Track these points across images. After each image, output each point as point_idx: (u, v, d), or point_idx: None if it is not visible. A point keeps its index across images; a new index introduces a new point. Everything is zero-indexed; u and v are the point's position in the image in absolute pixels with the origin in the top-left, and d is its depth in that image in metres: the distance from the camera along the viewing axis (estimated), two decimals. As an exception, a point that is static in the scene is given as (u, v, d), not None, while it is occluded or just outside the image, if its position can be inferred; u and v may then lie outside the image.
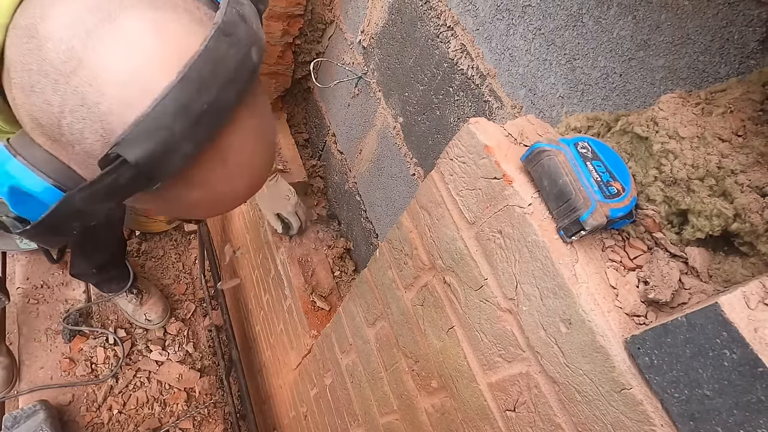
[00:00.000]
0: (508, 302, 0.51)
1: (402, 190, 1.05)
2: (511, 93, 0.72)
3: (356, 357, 0.91)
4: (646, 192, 0.48)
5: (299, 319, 1.32)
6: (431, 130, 0.92)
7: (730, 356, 0.33)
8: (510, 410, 0.54)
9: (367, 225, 1.25)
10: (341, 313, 0.96)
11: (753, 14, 0.43)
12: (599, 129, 0.55)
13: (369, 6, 1.07)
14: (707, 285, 0.43)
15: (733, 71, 0.46)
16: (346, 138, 1.31)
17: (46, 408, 1.91)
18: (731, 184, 0.41)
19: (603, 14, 0.57)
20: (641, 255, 0.47)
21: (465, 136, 0.54)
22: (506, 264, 0.51)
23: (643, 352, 0.39)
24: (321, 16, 1.30)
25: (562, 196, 0.45)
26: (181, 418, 2.24)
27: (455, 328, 0.60)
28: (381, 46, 1.05)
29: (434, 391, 0.68)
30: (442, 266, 0.61)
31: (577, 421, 0.45)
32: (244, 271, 2.09)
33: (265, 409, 2.04)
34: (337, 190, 1.41)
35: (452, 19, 0.82)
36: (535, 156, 0.48)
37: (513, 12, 0.69)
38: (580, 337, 0.43)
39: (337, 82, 1.29)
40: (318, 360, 1.16)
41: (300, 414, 1.43)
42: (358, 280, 0.86)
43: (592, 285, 0.44)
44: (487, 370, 0.56)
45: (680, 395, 0.36)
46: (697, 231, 0.44)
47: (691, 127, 0.44)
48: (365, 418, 0.92)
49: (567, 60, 0.62)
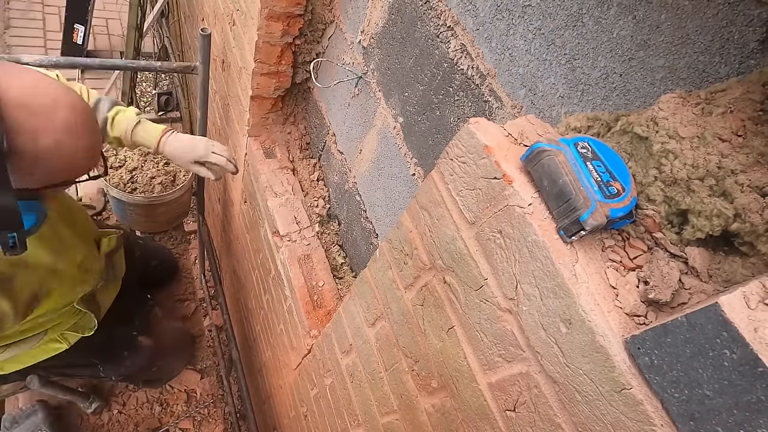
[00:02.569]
0: (508, 302, 0.51)
1: (402, 190, 1.05)
2: (511, 93, 0.72)
3: (356, 357, 0.91)
4: (646, 192, 0.48)
5: (299, 319, 1.32)
6: (431, 130, 0.92)
7: (730, 356, 0.33)
8: (510, 410, 0.54)
9: (367, 225, 1.25)
10: (341, 313, 0.96)
11: (753, 14, 0.43)
12: (599, 129, 0.55)
13: (369, 6, 1.07)
14: (707, 285, 0.43)
15: (733, 71, 0.46)
16: (346, 138, 1.31)
17: (44, 408, 1.91)
18: (731, 184, 0.41)
19: (603, 14, 0.57)
20: (641, 255, 0.47)
21: (465, 136, 0.54)
22: (506, 264, 0.51)
23: (643, 352, 0.39)
24: (321, 16, 1.30)
25: (562, 196, 0.45)
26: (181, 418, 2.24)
27: (455, 328, 0.60)
28: (381, 46, 1.05)
29: (434, 391, 0.68)
30: (442, 266, 0.61)
31: (577, 421, 0.45)
32: (244, 268, 2.09)
33: (265, 409, 2.04)
34: (337, 190, 1.41)
35: (452, 19, 0.82)
36: (535, 156, 0.48)
37: (513, 12, 0.69)
38: (580, 337, 0.43)
39: (337, 82, 1.29)
40: (318, 360, 1.16)
41: (300, 414, 1.43)
42: (358, 280, 0.86)
43: (592, 285, 0.44)
44: (487, 370, 0.56)
45: (680, 395, 0.36)
46: (697, 231, 0.43)
47: (691, 127, 0.44)
48: (365, 418, 0.92)
49: (567, 60, 0.62)
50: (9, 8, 4.03)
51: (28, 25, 3.99)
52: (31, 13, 4.10)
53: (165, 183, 2.70)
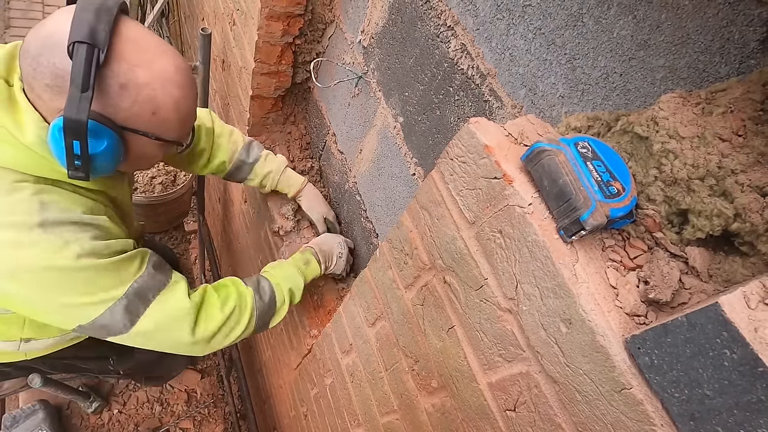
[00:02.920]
0: (508, 302, 0.51)
1: (402, 190, 1.05)
2: (512, 93, 0.72)
3: (356, 357, 0.91)
4: (647, 192, 0.48)
5: (299, 319, 1.32)
6: (431, 129, 0.92)
7: (731, 356, 0.33)
8: (510, 410, 0.54)
9: (367, 225, 1.25)
10: (341, 313, 0.96)
11: (753, 14, 0.43)
12: (599, 129, 0.55)
13: (369, 6, 1.07)
14: (707, 285, 0.43)
15: (733, 71, 0.46)
16: (346, 138, 1.31)
17: (45, 407, 1.91)
18: (731, 184, 0.41)
19: (603, 14, 0.57)
20: (641, 255, 0.47)
21: (465, 136, 0.54)
22: (506, 264, 0.51)
23: (643, 351, 0.39)
24: (321, 16, 1.30)
25: (563, 195, 0.45)
26: (182, 418, 2.24)
27: (455, 328, 0.60)
28: (381, 45, 1.05)
29: (434, 391, 0.68)
30: (443, 266, 0.61)
31: (577, 420, 0.45)
32: (244, 268, 2.09)
33: (265, 409, 2.04)
34: (337, 190, 1.41)
35: (452, 19, 0.82)
36: (536, 156, 0.48)
37: (513, 12, 0.69)
38: (580, 337, 0.43)
39: (337, 81, 1.29)
40: (318, 360, 1.16)
41: (300, 414, 1.43)
42: (358, 280, 0.86)
43: (593, 285, 0.44)
44: (488, 370, 0.56)
45: (680, 395, 0.36)
46: (698, 231, 0.43)
47: (691, 127, 0.44)
48: (365, 418, 0.92)
49: (567, 60, 0.62)
50: (9, 8, 4.03)
51: (28, 25, 3.99)
52: (31, 13, 4.10)
53: (165, 183, 2.70)
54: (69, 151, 0.74)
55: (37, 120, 0.77)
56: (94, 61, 0.70)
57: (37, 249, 0.77)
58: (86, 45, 0.69)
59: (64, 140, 0.73)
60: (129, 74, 0.75)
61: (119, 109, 0.77)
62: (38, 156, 0.78)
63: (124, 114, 0.78)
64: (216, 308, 0.98)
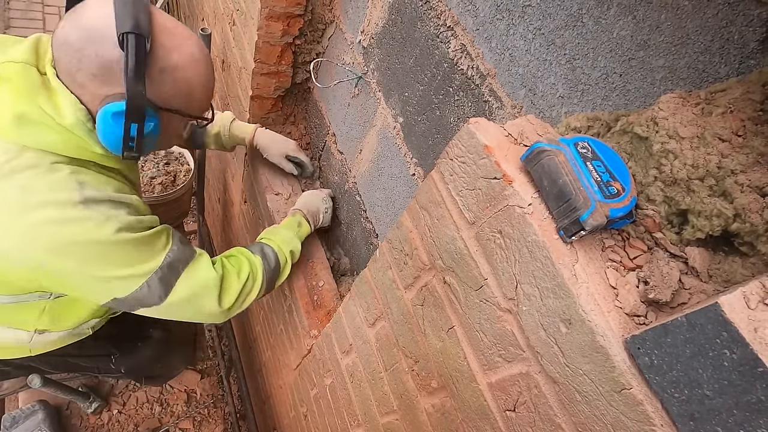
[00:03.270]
0: (508, 302, 0.51)
1: (402, 190, 1.05)
2: (511, 93, 0.72)
3: (356, 357, 0.91)
4: (646, 192, 0.48)
5: (299, 319, 1.32)
6: (431, 130, 0.92)
7: (730, 356, 0.33)
8: (510, 410, 0.54)
9: (367, 225, 1.25)
10: (341, 313, 0.96)
11: (753, 14, 0.43)
12: (599, 129, 0.55)
13: (369, 6, 1.07)
14: (707, 285, 0.43)
15: (733, 71, 0.46)
16: (346, 138, 1.31)
17: (45, 408, 1.91)
18: (731, 184, 0.41)
19: (603, 14, 0.57)
20: (641, 255, 0.47)
21: (465, 136, 0.54)
22: (506, 264, 0.51)
23: (643, 352, 0.39)
24: (321, 16, 1.30)
25: (562, 196, 0.45)
26: (181, 418, 2.24)
27: (455, 328, 0.60)
28: (381, 46, 1.05)
29: (434, 391, 0.68)
30: (442, 266, 0.61)
31: (577, 421, 0.45)
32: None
33: (265, 409, 2.04)
34: (337, 190, 1.41)
35: (452, 19, 0.82)
36: (535, 156, 0.48)
37: (513, 12, 0.69)
38: (580, 337, 0.43)
39: (337, 82, 1.29)
40: (318, 360, 1.16)
41: (300, 414, 1.43)
42: (358, 280, 0.86)
43: (592, 285, 0.44)
44: (487, 370, 0.56)
45: (680, 395, 0.36)
46: (697, 231, 0.44)
47: (691, 127, 0.44)
48: (365, 418, 0.92)
49: (567, 60, 0.62)
50: (9, 8, 4.03)
51: (28, 25, 3.99)
52: (31, 13, 4.10)
53: (165, 183, 2.70)
54: (126, 133, 0.82)
55: (74, 102, 0.81)
56: (143, 50, 0.77)
57: (81, 225, 0.82)
58: (135, 35, 0.75)
59: (123, 124, 0.80)
60: (166, 59, 0.83)
61: (161, 91, 0.84)
62: (76, 137, 0.83)
63: (165, 96, 0.85)
64: (234, 277, 1.05)
